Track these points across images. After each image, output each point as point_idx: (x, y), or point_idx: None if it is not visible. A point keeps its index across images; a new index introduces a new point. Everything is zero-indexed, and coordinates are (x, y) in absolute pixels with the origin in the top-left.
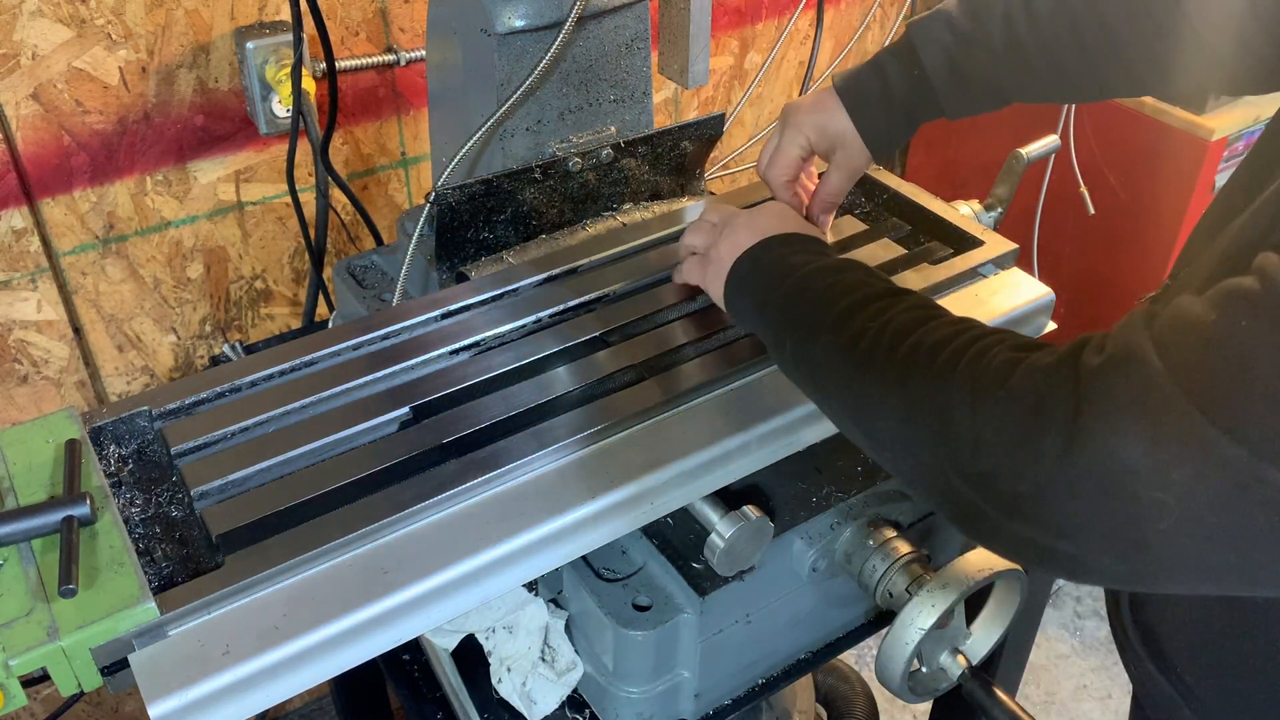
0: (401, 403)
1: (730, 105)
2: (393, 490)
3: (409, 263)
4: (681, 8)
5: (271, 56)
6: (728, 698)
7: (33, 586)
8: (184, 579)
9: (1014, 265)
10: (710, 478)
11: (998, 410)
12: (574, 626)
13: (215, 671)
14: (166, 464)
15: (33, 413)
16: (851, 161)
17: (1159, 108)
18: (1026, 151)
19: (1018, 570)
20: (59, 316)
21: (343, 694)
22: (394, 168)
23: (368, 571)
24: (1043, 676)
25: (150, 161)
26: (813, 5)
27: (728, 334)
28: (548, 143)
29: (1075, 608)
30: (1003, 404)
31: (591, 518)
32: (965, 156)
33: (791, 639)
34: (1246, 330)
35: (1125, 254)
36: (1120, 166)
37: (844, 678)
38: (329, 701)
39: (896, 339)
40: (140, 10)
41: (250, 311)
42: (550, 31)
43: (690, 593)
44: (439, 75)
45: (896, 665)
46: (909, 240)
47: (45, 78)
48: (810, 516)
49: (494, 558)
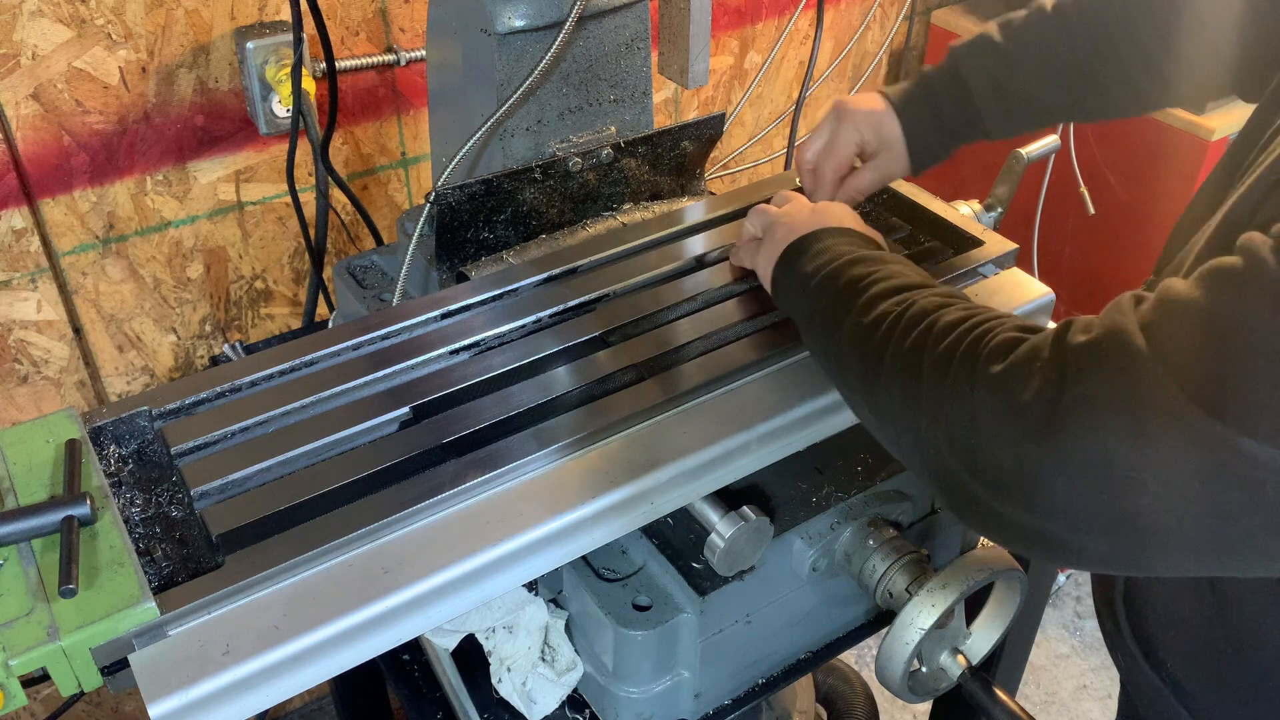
0: (401, 403)
1: (730, 105)
2: (393, 490)
3: (409, 263)
4: (681, 8)
5: (271, 56)
6: (728, 698)
7: (33, 586)
8: (184, 579)
9: (1014, 265)
10: (710, 478)
11: (991, 387)
12: (574, 626)
13: (215, 671)
14: (166, 464)
15: (33, 413)
16: (892, 166)
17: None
18: (1026, 151)
19: (1018, 570)
20: (59, 316)
21: (343, 694)
22: (394, 168)
23: (368, 571)
24: (1043, 676)
25: (150, 161)
26: (813, 5)
27: (728, 334)
28: (548, 143)
29: (1075, 608)
30: (995, 383)
31: (591, 518)
32: (965, 156)
33: (791, 639)
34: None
35: (1125, 254)
36: (1120, 166)
37: (844, 678)
38: (329, 701)
39: (912, 323)
40: (140, 10)
41: (250, 311)
42: (550, 31)
43: (690, 593)
44: (439, 75)
45: (896, 665)
46: (909, 240)
47: (45, 78)
48: (810, 516)
49: (494, 558)
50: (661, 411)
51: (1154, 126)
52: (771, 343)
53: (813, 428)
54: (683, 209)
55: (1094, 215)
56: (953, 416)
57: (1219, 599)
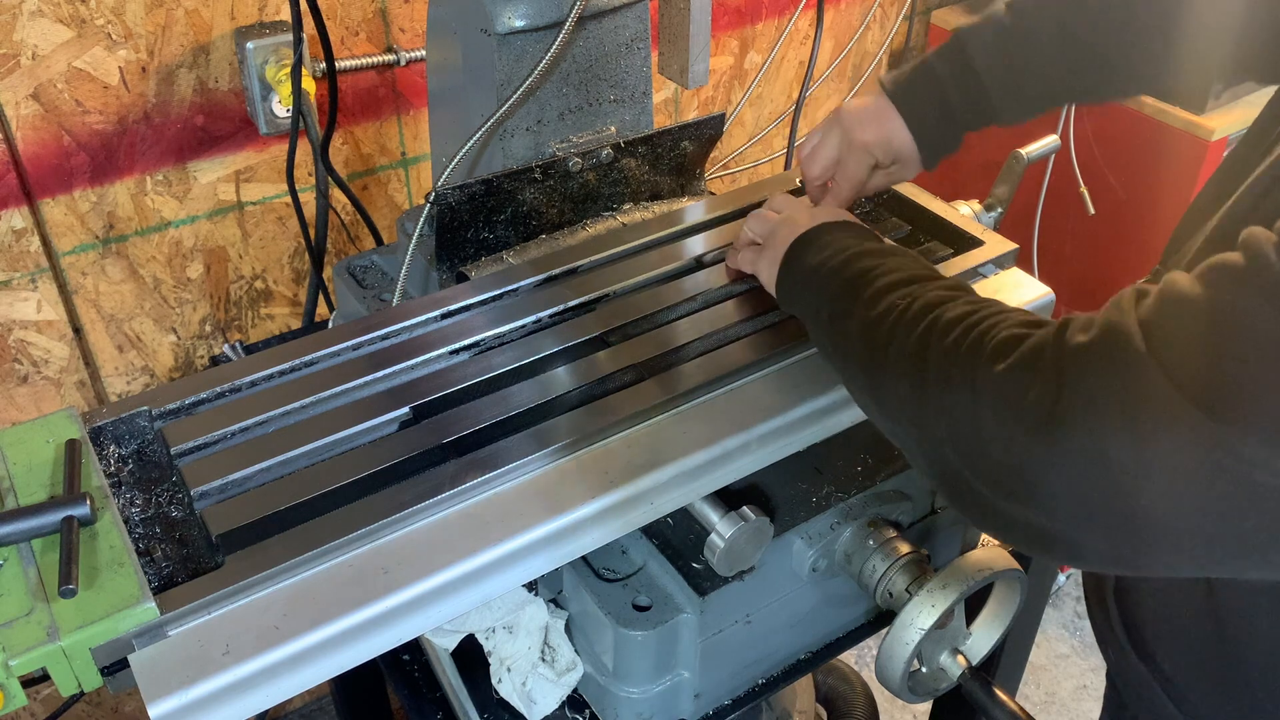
0: (401, 403)
1: (730, 105)
2: (393, 490)
3: (409, 263)
4: (681, 8)
5: (271, 56)
6: (728, 698)
7: (33, 586)
8: (184, 579)
9: (1014, 265)
10: (710, 478)
11: (993, 386)
12: (574, 626)
13: (215, 671)
14: (166, 464)
15: (33, 413)
16: (903, 173)
17: (1159, 108)
18: (1026, 151)
19: (1018, 570)
20: (59, 316)
21: (343, 694)
22: (394, 168)
23: (368, 571)
24: (1043, 676)
25: (150, 161)
26: (813, 5)
27: (728, 334)
28: (548, 143)
29: (1075, 608)
30: (997, 380)
31: (591, 518)
32: (965, 156)
33: (791, 639)
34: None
35: (1125, 254)
36: (1120, 166)
37: (844, 678)
38: (329, 701)
39: (918, 316)
40: (140, 10)
41: (250, 311)
42: (550, 31)
43: (690, 593)
44: (439, 75)
45: (896, 665)
46: (909, 240)
47: (45, 78)
48: (810, 516)
49: (494, 558)
50: (661, 412)
51: (1154, 126)
52: (771, 343)
53: (813, 428)
54: (683, 209)
55: (1094, 215)
56: (955, 414)
57: (1210, 592)
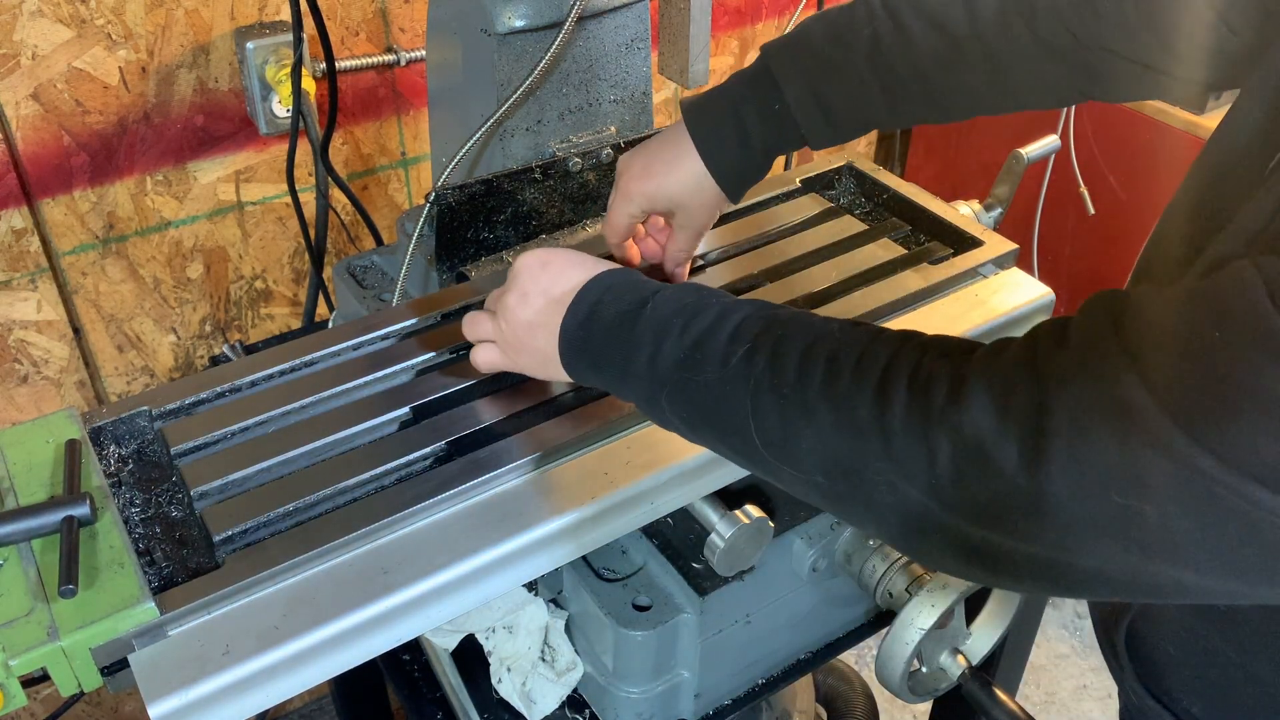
0: (401, 403)
1: None
2: (393, 490)
3: (409, 263)
4: (681, 8)
5: (271, 56)
6: (728, 698)
7: (33, 586)
8: (184, 579)
9: (1014, 265)
10: (710, 478)
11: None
12: (574, 626)
13: (215, 671)
14: (166, 464)
15: (33, 413)
16: (693, 221)
17: (1159, 108)
18: (1026, 151)
19: None
20: (59, 316)
21: (343, 694)
22: (394, 168)
23: (368, 571)
24: (1043, 676)
25: (150, 161)
26: (813, 5)
27: None
28: (548, 143)
29: (1075, 607)
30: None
31: (591, 518)
32: (965, 156)
33: (791, 639)
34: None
35: (1125, 254)
36: (1120, 166)
37: (844, 678)
38: (329, 701)
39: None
40: (140, 10)
41: (250, 311)
42: (550, 31)
43: (690, 593)
44: (439, 75)
45: (896, 665)
46: (909, 240)
47: (45, 78)
48: (810, 516)
49: (494, 558)
50: None
51: (1154, 126)
52: None
53: None
54: None
55: (1094, 215)
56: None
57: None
